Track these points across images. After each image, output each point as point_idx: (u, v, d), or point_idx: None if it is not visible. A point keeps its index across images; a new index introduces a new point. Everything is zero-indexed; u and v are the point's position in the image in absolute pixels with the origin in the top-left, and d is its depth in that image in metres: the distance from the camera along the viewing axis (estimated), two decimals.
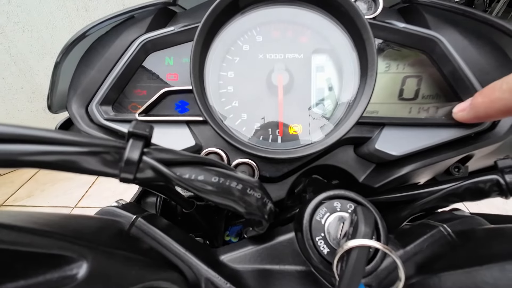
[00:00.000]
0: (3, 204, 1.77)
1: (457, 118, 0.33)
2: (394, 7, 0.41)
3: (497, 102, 0.27)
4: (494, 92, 0.27)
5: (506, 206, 1.54)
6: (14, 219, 0.18)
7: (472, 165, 0.40)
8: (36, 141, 0.15)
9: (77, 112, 0.38)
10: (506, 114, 0.27)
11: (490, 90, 0.27)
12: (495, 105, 0.27)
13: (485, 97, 0.28)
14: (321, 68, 0.35)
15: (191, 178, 0.19)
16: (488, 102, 0.28)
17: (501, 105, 0.26)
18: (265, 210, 0.24)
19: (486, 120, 0.30)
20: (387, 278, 0.27)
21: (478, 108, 0.29)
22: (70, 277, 0.18)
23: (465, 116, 0.31)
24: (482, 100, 0.28)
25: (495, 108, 0.27)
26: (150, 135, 0.18)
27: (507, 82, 0.26)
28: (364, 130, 0.36)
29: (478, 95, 0.29)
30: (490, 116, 0.29)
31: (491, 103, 0.27)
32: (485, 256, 0.23)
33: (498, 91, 0.26)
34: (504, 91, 0.26)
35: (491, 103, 0.27)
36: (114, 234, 0.26)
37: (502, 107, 0.26)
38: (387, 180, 0.37)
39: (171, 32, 0.36)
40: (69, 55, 0.37)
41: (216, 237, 0.58)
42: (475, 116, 0.30)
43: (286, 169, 0.38)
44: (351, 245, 0.21)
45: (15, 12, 1.69)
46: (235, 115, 0.36)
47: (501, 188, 0.26)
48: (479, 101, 0.29)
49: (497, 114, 0.28)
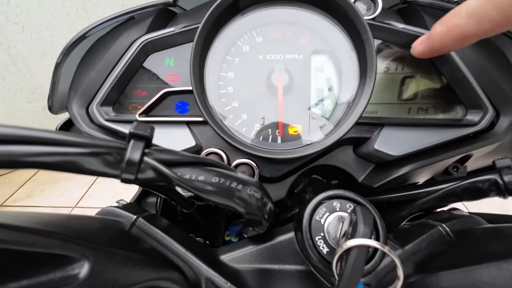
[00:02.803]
0: (3, 205, 1.77)
1: (415, 53, 0.31)
2: (393, 8, 0.41)
3: (454, 29, 0.25)
4: (453, 18, 0.25)
5: (506, 206, 1.55)
6: (15, 219, 0.18)
7: (470, 165, 0.40)
8: (37, 142, 0.15)
9: (78, 113, 0.38)
10: (461, 42, 0.25)
11: (449, 16, 0.25)
12: (452, 33, 0.25)
13: (443, 25, 0.26)
14: (320, 69, 0.35)
15: (192, 178, 0.19)
16: (446, 30, 0.26)
17: (458, 32, 0.25)
18: (265, 210, 0.24)
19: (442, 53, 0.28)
20: (386, 277, 0.28)
21: (435, 39, 0.27)
22: (72, 277, 0.18)
23: (423, 49, 0.29)
24: (440, 29, 0.26)
25: (451, 36, 0.25)
26: (151, 136, 0.18)
27: (467, 6, 0.24)
28: (363, 130, 0.37)
29: (437, 24, 0.27)
30: (445, 47, 0.27)
31: (449, 31, 0.25)
32: (482, 255, 0.23)
33: (457, 17, 0.24)
34: (462, 16, 0.24)
35: (449, 31, 0.25)
36: (115, 234, 0.26)
37: (458, 35, 0.25)
38: (386, 180, 0.37)
39: (171, 33, 0.36)
40: (70, 56, 0.37)
41: (216, 237, 0.58)
42: (432, 47, 0.28)
43: (286, 169, 0.38)
44: (350, 245, 0.21)
45: (15, 12, 1.69)
46: (235, 116, 0.36)
47: (499, 188, 0.26)
48: (437, 30, 0.27)
49: (452, 43, 0.26)
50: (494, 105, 0.35)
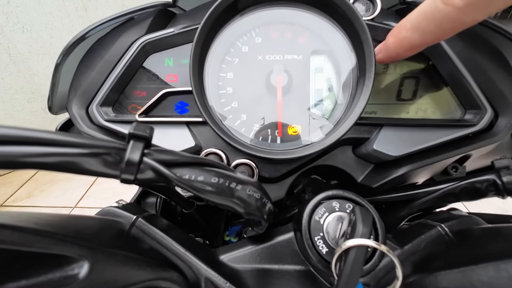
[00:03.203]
0: (3, 205, 1.77)
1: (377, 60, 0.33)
2: (392, 9, 0.41)
3: (403, 41, 0.27)
4: (401, 31, 0.27)
5: (506, 206, 1.55)
6: (15, 219, 0.18)
7: (469, 165, 0.40)
8: (37, 142, 0.15)
9: (78, 113, 0.39)
10: (412, 51, 0.28)
11: (398, 29, 0.28)
12: (403, 44, 0.28)
13: (394, 37, 0.29)
14: (319, 69, 0.35)
15: (191, 178, 0.19)
16: (397, 42, 0.28)
17: (408, 43, 0.27)
18: (264, 210, 0.24)
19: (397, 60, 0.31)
20: (385, 277, 0.28)
21: (390, 49, 0.30)
22: (71, 277, 0.18)
23: (382, 57, 0.31)
24: (392, 40, 0.29)
25: (403, 47, 0.28)
26: (151, 137, 0.18)
27: (410, 20, 0.26)
28: (362, 130, 0.37)
29: (390, 35, 0.30)
30: (399, 55, 0.29)
31: (400, 42, 0.28)
32: (481, 255, 0.23)
33: (404, 30, 0.27)
34: (408, 29, 0.26)
35: (399, 42, 0.28)
36: (115, 234, 0.26)
37: (408, 45, 0.27)
38: (385, 180, 0.37)
39: (170, 33, 0.36)
40: (70, 57, 0.37)
41: (216, 237, 0.58)
42: (388, 56, 0.31)
43: (285, 169, 0.38)
44: (349, 245, 0.21)
45: (15, 13, 1.69)
46: (234, 116, 0.36)
47: (498, 188, 0.26)
48: (390, 41, 0.29)
49: (405, 52, 0.29)
50: (493, 106, 0.35)
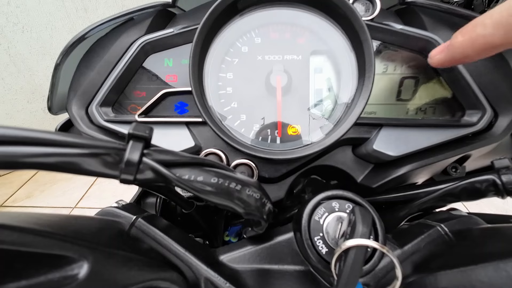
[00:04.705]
0: (3, 205, 1.77)
1: (433, 63, 0.30)
2: (392, 9, 0.41)
3: (478, 39, 0.24)
4: (476, 28, 0.24)
5: (506, 206, 1.55)
6: (15, 220, 0.18)
7: (469, 165, 0.40)
8: (37, 143, 0.15)
9: (77, 114, 0.39)
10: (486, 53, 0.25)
11: (472, 26, 0.25)
12: (475, 43, 0.25)
13: (466, 35, 0.25)
14: (319, 69, 0.35)
15: (191, 179, 0.19)
16: (468, 40, 0.25)
17: (482, 43, 0.24)
18: (264, 211, 0.24)
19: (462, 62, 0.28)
20: (385, 277, 0.28)
21: (456, 49, 0.26)
22: (71, 277, 0.18)
23: (442, 58, 0.29)
24: (462, 39, 0.26)
25: (475, 47, 0.25)
26: (150, 137, 0.18)
27: (491, 15, 0.23)
28: (362, 130, 0.37)
29: (458, 33, 0.26)
30: (467, 57, 0.26)
31: (471, 41, 0.25)
32: (480, 255, 0.23)
33: (480, 27, 0.24)
34: (487, 26, 0.23)
35: (471, 41, 0.25)
36: (114, 235, 0.26)
37: (482, 45, 0.24)
38: (385, 180, 0.37)
39: (170, 33, 0.36)
40: (69, 57, 0.37)
41: (216, 237, 0.58)
42: (452, 57, 0.28)
43: (285, 169, 0.38)
44: (349, 245, 0.21)
45: (15, 13, 1.69)
46: (234, 116, 0.36)
47: (497, 188, 0.26)
48: (459, 40, 0.26)
49: (475, 53, 0.26)
50: (493, 106, 0.35)
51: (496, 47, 0.24)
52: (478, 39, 0.24)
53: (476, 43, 0.25)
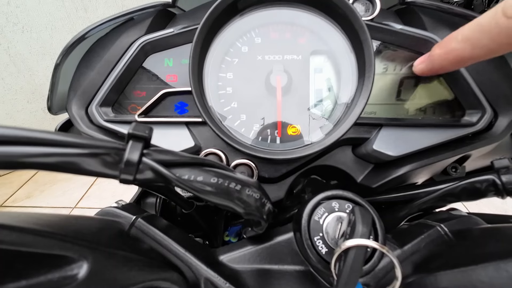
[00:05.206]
0: (3, 205, 1.77)
1: (416, 72, 0.33)
2: (392, 9, 0.41)
3: (452, 52, 0.27)
4: (451, 42, 0.27)
5: (505, 206, 1.55)
6: (15, 220, 0.18)
7: (469, 165, 0.40)
8: (37, 143, 0.15)
9: (77, 114, 0.39)
10: (458, 64, 0.28)
11: (447, 41, 0.28)
12: (450, 56, 0.27)
13: (442, 48, 0.28)
14: (319, 69, 0.35)
15: (190, 179, 0.19)
16: (444, 53, 0.28)
17: (455, 56, 0.27)
18: (263, 211, 0.24)
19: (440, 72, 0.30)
20: (384, 277, 0.28)
21: (435, 60, 0.29)
22: (71, 277, 0.18)
23: (423, 68, 0.31)
24: (439, 52, 0.28)
25: (450, 59, 0.27)
26: (150, 137, 0.18)
27: (462, 33, 0.26)
28: (362, 130, 0.37)
29: (436, 47, 0.29)
30: (444, 68, 0.29)
31: (447, 54, 0.28)
32: (480, 255, 0.23)
33: (454, 41, 0.27)
34: (459, 41, 0.26)
35: (447, 54, 0.28)
36: (114, 235, 0.26)
37: (455, 57, 0.27)
38: (385, 181, 0.37)
39: (170, 33, 0.36)
40: (69, 57, 0.37)
41: (216, 237, 0.58)
42: (431, 68, 0.30)
43: (284, 169, 0.38)
44: (348, 245, 0.21)
45: (15, 13, 1.70)
46: (234, 116, 0.36)
47: (497, 188, 0.26)
48: (436, 53, 0.29)
49: (450, 65, 0.28)
50: (492, 106, 0.35)
51: (465, 60, 0.27)
52: (451, 52, 0.27)
53: (450, 56, 0.27)
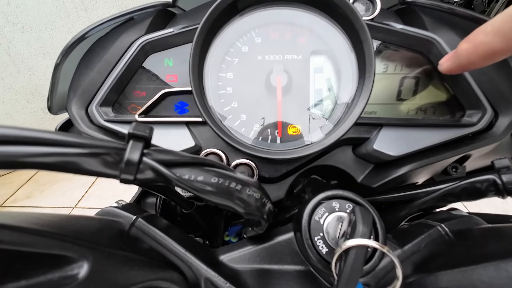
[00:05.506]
0: (2, 205, 1.77)
1: (443, 70, 0.31)
2: (392, 9, 0.41)
3: (481, 46, 0.25)
4: (478, 35, 0.26)
5: (505, 206, 1.55)
6: (15, 219, 0.18)
7: (469, 165, 0.40)
8: (37, 142, 0.15)
9: (77, 113, 0.39)
10: (489, 59, 0.26)
11: (475, 34, 0.26)
12: (479, 50, 0.26)
13: (469, 42, 0.27)
14: (319, 69, 0.35)
15: (191, 178, 0.19)
16: (472, 48, 0.26)
17: (484, 49, 0.25)
18: (264, 210, 0.24)
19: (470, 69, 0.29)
20: (385, 277, 0.28)
21: (462, 56, 0.28)
22: (71, 277, 0.18)
23: (450, 65, 0.30)
24: (466, 47, 0.27)
25: (478, 53, 0.26)
26: (150, 137, 0.18)
27: (492, 24, 0.24)
28: (362, 130, 0.37)
29: (463, 42, 0.27)
30: (472, 63, 0.27)
31: (475, 48, 0.26)
32: (481, 255, 0.23)
33: (482, 34, 0.25)
34: (488, 33, 0.25)
35: (475, 48, 0.26)
36: (114, 235, 0.26)
37: (485, 52, 0.25)
38: (385, 180, 0.37)
39: (170, 33, 0.36)
40: (69, 57, 0.37)
41: (216, 237, 0.58)
42: (459, 64, 0.29)
43: (285, 169, 0.38)
44: (349, 245, 0.21)
45: (14, 13, 1.69)
46: (234, 116, 0.36)
47: (498, 188, 0.26)
48: (463, 48, 0.27)
49: (480, 60, 0.26)
50: (493, 106, 0.35)
51: (497, 54, 0.25)
52: (480, 46, 0.25)
53: (479, 50, 0.26)
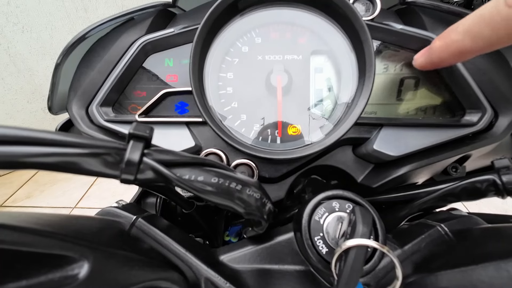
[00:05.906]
0: (3, 205, 1.77)
1: (416, 65, 0.32)
2: (392, 9, 0.41)
3: (452, 45, 0.26)
4: (450, 34, 0.26)
5: (505, 206, 1.55)
6: (15, 219, 0.18)
7: (469, 165, 0.40)
8: (37, 142, 0.15)
9: (78, 113, 0.39)
10: (458, 57, 0.27)
11: (447, 32, 0.27)
12: (450, 48, 0.27)
13: (442, 40, 0.27)
14: (319, 69, 0.35)
15: (191, 179, 0.19)
16: (444, 45, 0.27)
17: (455, 48, 0.26)
18: (264, 210, 0.24)
19: (440, 66, 0.30)
20: (385, 277, 0.28)
21: (434, 53, 0.28)
22: (71, 277, 0.18)
23: (422, 62, 0.30)
24: (439, 44, 0.28)
25: (449, 51, 0.27)
26: (150, 137, 0.18)
27: (462, 23, 0.25)
28: (362, 130, 0.37)
29: (437, 39, 0.28)
30: (443, 61, 0.28)
31: (447, 47, 0.27)
32: (481, 255, 0.23)
33: (454, 33, 0.26)
34: (459, 32, 0.25)
35: (447, 46, 0.27)
36: (115, 235, 0.26)
37: (455, 50, 0.26)
38: (385, 180, 0.37)
39: (170, 33, 0.36)
40: (70, 57, 0.37)
41: (216, 237, 0.58)
42: (430, 60, 0.29)
43: (285, 169, 0.38)
44: (349, 245, 0.21)
45: (14, 13, 1.70)
46: (234, 116, 0.36)
47: (498, 188, 0.26)
48: (436, 45, 0.28)
49: (450, 57, 0.27)
50: (493, 106, 0.35)
51: (467, 53, 0.26)
52: (452, 44, 0.26)
53: (450, 48, 0.27)
